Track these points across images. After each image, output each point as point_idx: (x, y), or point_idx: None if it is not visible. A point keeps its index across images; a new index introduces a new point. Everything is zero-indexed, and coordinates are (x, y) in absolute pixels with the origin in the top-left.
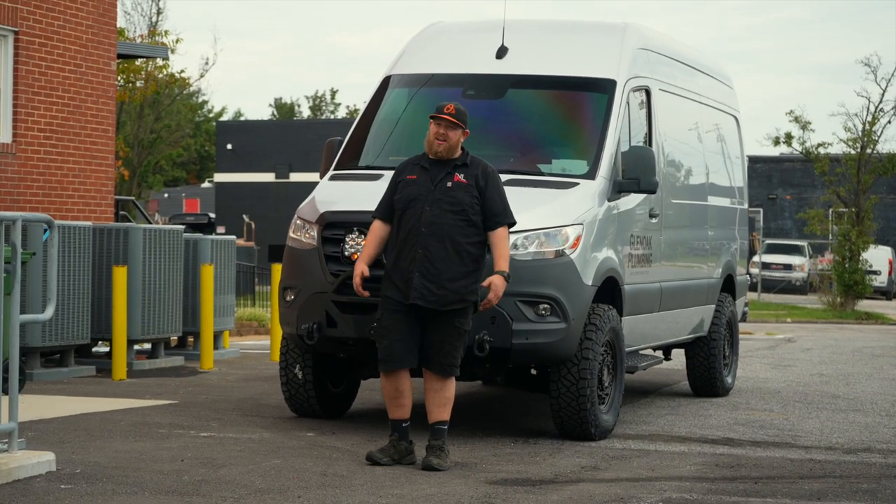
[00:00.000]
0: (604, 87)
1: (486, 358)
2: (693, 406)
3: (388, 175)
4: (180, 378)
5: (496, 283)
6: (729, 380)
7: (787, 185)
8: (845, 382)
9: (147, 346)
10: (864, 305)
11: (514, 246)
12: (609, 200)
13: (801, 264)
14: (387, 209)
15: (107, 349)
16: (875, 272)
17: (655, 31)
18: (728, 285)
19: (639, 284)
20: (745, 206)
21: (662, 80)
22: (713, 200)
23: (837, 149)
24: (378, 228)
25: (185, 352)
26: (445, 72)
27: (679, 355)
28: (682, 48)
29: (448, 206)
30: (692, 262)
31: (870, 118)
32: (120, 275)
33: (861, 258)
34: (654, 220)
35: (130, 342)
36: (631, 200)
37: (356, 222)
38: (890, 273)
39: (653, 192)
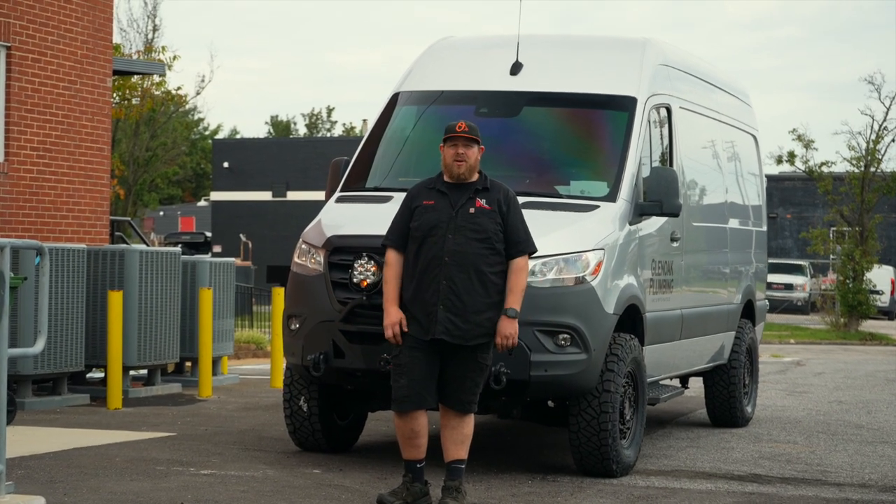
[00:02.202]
0: (624, 105)
1: (503, 390)
2: (713, 437)
3: (398, 197)
4: (178, 407)
5: (501, 327)
6: (749, 409)
7: (787, 204)
8: (866, 411)
9: (143, 372)
10: (867, 326)
11: (532, 272)
12: (630, 224)
13: (802, 284)
14: (402, 238)
15: (101, 375)
16: (878, 292)
17: (675, 47)
18: (748, 311)
19: (660, 312)
20: (764, 228)
21: (683, 97)
22: (733, 222)
23: (841, 167)
24: (395, 261)
25: (183, 378)
26: (457, 88)
27: (693, 383)
28: (701, 64)
29: (472, 233)
30: (713, 288)
31: (874, 136)
32: (115, 299)
33: (864, 278)
34: (675, 245)
35: (126, 369)
36: (652, 224)
37: (365, 247)
38: (892, 293)
39: (676, 215)
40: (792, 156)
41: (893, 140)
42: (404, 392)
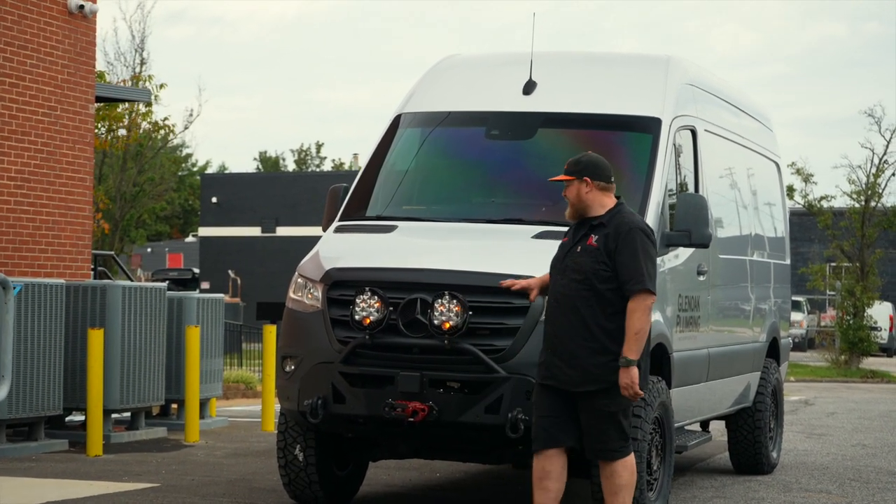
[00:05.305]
0: (648, 127)
1: (521, 439)
2: (739, 486)
3: (402, 226)
4: (163, 453)
5: (619, 378)
6: (774, 455)
7: None
8: (894, 455)
9: (126, 415)
10: (868, 363)
11: None
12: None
13: (799, 321)
14: None
15: (81, 419)
16: (877, 328)
17: (699, 66)
18: (773, 349)
19: (687, 351)
20: (787, 260)
21: (708, 120)
22: (758, 255)
23: (840, 202)
24: None
25: (168, 421)
26: (465, 109)
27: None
28: (726, 86)
29: (574, 273)
30: (739, 325)
31: (874, 170)
32: (96, 338)
33: (865, 314)
34: (701, 279)
35: (107, 412)
36: (679, 256)
37: (367, 281)
38: (891, 329)
39: (706, 245)
40: (791, 190)
41: (894, 174)
42: (535, 431)
